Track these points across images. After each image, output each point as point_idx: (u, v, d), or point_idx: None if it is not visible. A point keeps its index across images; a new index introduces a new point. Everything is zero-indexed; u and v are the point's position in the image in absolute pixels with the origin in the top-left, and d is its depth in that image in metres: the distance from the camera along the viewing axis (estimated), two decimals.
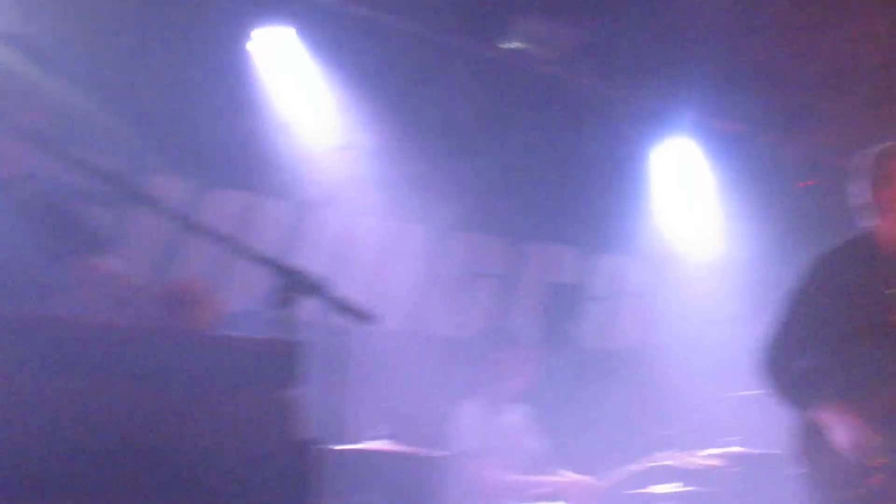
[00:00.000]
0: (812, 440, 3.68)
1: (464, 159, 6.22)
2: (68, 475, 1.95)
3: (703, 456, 5.77)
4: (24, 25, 4.44)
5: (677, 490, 5.59)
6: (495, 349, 5.55)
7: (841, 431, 3.59)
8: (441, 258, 6.54)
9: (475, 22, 5.99)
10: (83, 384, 1.98)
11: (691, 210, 7.22)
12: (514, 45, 6.18)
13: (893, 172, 3.82)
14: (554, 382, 6.38)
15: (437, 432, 5.39)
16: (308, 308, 2.37)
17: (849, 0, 6.06)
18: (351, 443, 4.70)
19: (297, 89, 5.66)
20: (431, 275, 6.48)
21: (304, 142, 5.74)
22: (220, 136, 5.36)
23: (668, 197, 7.17)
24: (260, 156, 5.56)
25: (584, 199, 6.81)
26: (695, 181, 7.14)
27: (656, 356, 7.19)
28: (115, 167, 4.70)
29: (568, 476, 5.38)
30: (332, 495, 2.25)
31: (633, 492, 5.74)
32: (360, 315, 2.44)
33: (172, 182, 5.31)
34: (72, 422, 1.96)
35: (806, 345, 3.70)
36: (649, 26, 6.02)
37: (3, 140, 2.96)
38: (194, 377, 2.10)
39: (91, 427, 1.98)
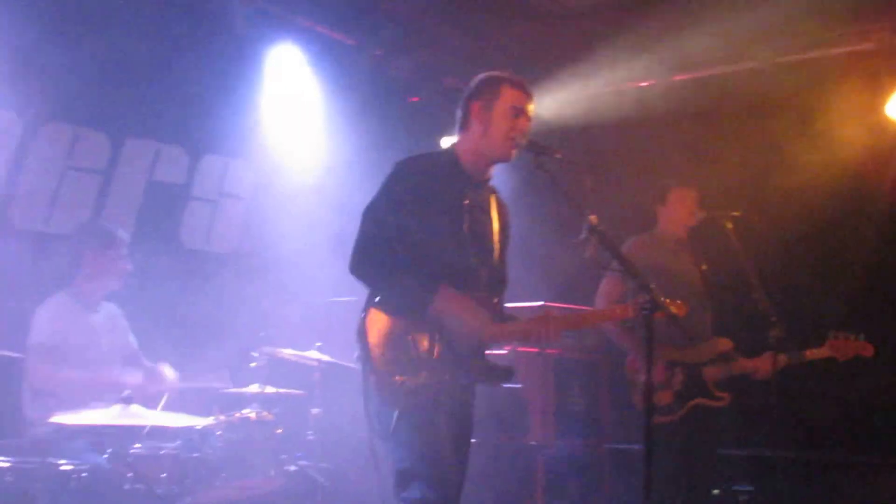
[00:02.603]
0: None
1: (60, 49, 5.88)
2: None
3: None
4: None
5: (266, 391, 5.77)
6: (87, 246, 5.41)
7: (462, 312, 3.79)
8: (34, 150, 6.21)
9: None
10: None
11: (297, 117, 7.30)
12: None
13: (489, 97, 4.03)
14: (153, 282, 6.32)
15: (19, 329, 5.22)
16: None
17: None
18: None
19: None
20: (23, 167, 6.16)
21: None
22: None
23: (275, 102, 7.20)
24: None
25: (190, 97, 6.70)
26: (301, 89, 7.21)
27: (257, 260, 7.29)
28: None
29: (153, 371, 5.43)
30: None
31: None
32: None
33: None
34: None
35: (398, 245, 3.82)
36: None
37: None
38: None
39: None
